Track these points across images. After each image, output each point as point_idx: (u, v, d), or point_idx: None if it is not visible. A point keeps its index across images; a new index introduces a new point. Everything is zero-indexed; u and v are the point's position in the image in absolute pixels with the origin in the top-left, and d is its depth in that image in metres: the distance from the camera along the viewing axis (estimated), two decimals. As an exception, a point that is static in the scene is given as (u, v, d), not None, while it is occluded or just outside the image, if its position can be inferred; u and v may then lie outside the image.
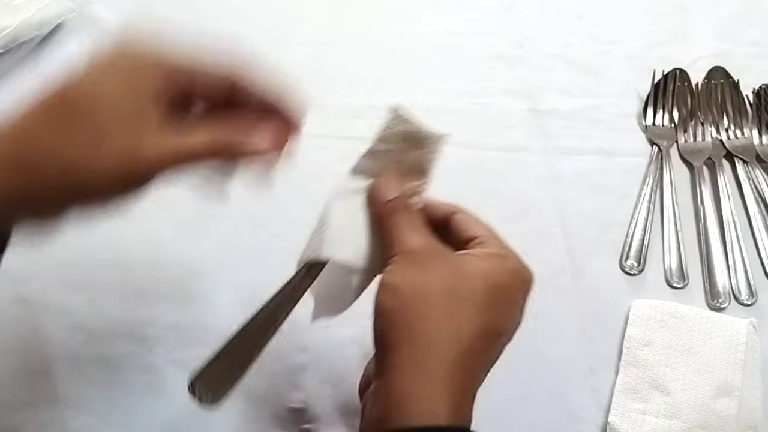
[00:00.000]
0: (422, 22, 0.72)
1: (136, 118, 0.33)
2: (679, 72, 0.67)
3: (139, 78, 0.35)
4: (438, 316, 0.35)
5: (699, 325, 0.53)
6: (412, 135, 0.41)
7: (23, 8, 0.64)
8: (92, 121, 0.33)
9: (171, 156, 0.34)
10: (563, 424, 0.51)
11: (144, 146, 0.33)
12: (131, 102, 0.34)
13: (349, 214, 0.41)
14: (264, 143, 0.37)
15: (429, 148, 0.41)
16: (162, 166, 0.34)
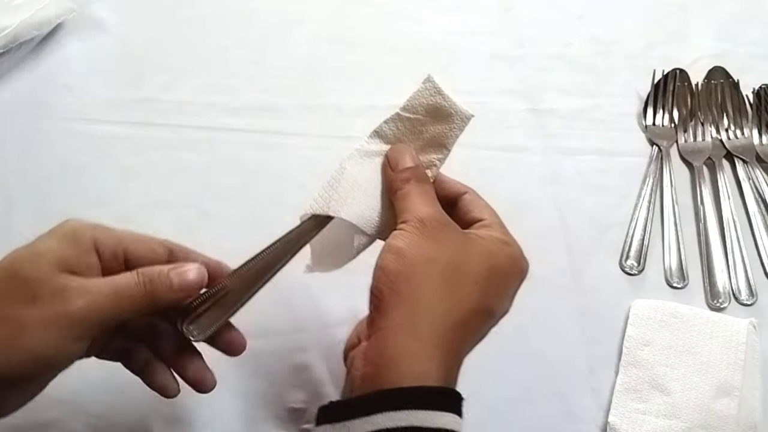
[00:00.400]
0: (422, 22, 0.72)
1: (65, 268, 0.35)
2: (679, 72, 0.67)
3: (76, 235, 0.36)
4: (438, 285, 0.35)
5: (699, 325, 0.53)
6: (440, 108, 0.41)
7: (23, 8, 0.64)
8: (22, 278, 0.34)
9: (97, 295, 0.34)
10: (563, 424, 0.51)
11: (69, 290, 0.34)
12: (62, 253, 0.35)
13: (363, 175, 0.41)
14: (192, 275, 0.37)
15: (453, 124, 0.41)
16: (90, 306, 0.34)
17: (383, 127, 0.42)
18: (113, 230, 0.38)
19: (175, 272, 0.36)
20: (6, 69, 0.64)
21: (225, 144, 0.62)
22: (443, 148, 0.42)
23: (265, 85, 0.66)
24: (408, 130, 0.42)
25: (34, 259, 0.34)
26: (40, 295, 0.33)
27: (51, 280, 0.34)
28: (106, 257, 0.37)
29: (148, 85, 0.65)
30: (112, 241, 0.37)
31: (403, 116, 0.42)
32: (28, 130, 0.62)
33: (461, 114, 0.42)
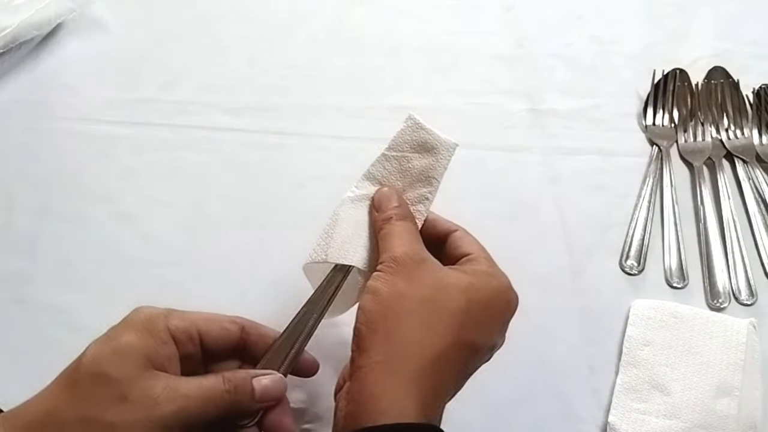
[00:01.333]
0: (422, 22, 0.72)
1: (149, 364, 0.35)
2: (679, 72, 0.67)
3: (152, 326, 0.37)
4: (414, 321, 0.36)
5: (699, 325, 0.53)
6: (424, 143, 0.43)
7: (23, 8, 0.64)
8: (108, 378, 0.34)
9: (185, 399, 0.35)
10: (563, 424, 0.50)
11: (158, 391, 0.34)
12: (145, 349, 0.35)
13: (357, 219, 0.42)
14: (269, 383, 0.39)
15: (439, 155, 0.43)
16: (180, 411, 0.34)
17: (371, 170, 0.43)
18: (185, 313, 0.39)
19: (257, 380, 0.38)
20: (6, 69, 0.64)
21: (225, 144, 0.62)
22: (432, 179, 0.43)
23: (265, 85, 0.66)
24: (395, 169, 0.43)
25: (119, 358, 0.35)
26: (129, 396, 0.33)
27: (139, 380, 0.34)
28: (182, 341, 0.37)
29: (148, 85, 0.65)
30: (185, 325, 0.38)
31: (389, 156, 0.43)
32: (28, 130, 0.62)
33: (445, 145, 0.43)
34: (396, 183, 0.43)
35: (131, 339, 0.36)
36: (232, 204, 0.59)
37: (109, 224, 0.57)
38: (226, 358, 0.40)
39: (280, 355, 0.40)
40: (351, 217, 0.42)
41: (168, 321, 0.37)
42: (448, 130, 0.64)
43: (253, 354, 0.40)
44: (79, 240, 0.56)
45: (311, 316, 0.40)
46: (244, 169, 0.61)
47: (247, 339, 0.40)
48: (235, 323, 0.40)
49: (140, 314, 0.37)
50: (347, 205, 0.43)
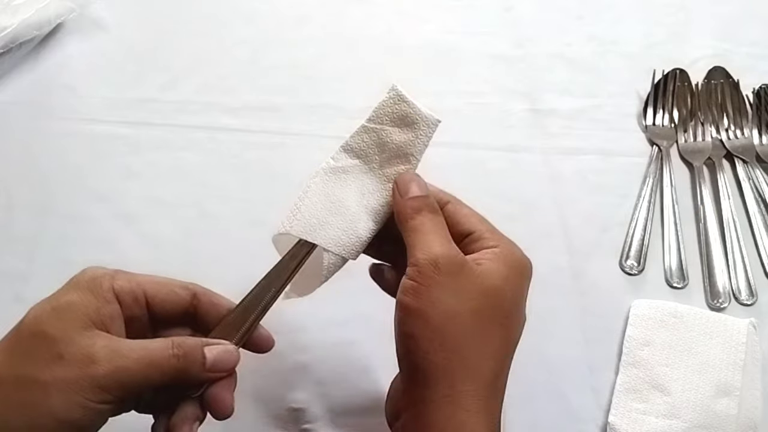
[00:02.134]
0: (422, 22, 0.72)
1: (90, 323, 0.34)
2: (679, 72, 0.67)
3: (95, 285, 0.35)
4: (473, 342, 0.34)
5: (699, 325, 0.53)
6: (405, 116, 0.40)
7: (23, 8, 0.64)
8: (46, 336, 0.33)
9: (125, 360, 0.33)
10: (563, 424, 0.50)
11: (96, 350, 0.32)
12: (86, 308, 0.34)
13: (331, 193, 0.40)
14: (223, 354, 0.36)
15: (419, 131, 0.40)
16: (118, 371, 0.32)
17: (349, 142, 0.41)
18: (133, 275, 0.37)
19: (208, 348, 0.35)
20: (6, 69, 0.64)
21: (225, 144, 0.62)
22: (411, 157, 0.40)
23: (265, 85, 0.66)
24: (374, 142, 0.41)
25: (58, 316, 0.33)
26: (66, 355, 0.32)
27: (77, 339, 0.32)
28: (127, 303, 0.36)
29: (148, 85, 0.65)
30: (131, 286, 0.36)
31: (369, 127, 0.41)
32: (28, 130, 0.62)
33: (427, 120, 0.40)
34: (374, 157, 0.41)
35: (73, 298, 0.34)
36: (232, 204, 0.59)
37: (109, 224, 0.57)
38: (177, 325, 0.38)
39: (234, 326, 0.37)
40: (323, 190, 0.40)
41: (113, 281, 0.36)
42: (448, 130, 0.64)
43: (205, 323, 0.38)
44: (79, 240, 0.56)
45: (269, 290, 0.38)
46: (244, 169, 0.61)
47: (198, 306, 0.38)
48: (187, 289, 0.38)
49: (86, 274, 0.36)
50: (320, 177, 0.40)
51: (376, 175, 0.41)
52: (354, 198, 0.40)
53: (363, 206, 0.40)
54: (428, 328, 0.34)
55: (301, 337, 0.52)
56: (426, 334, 0.34)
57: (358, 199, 0.40)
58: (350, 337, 0.52)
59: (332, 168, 0.41)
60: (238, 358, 0.37)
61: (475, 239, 0.38)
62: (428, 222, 0.37)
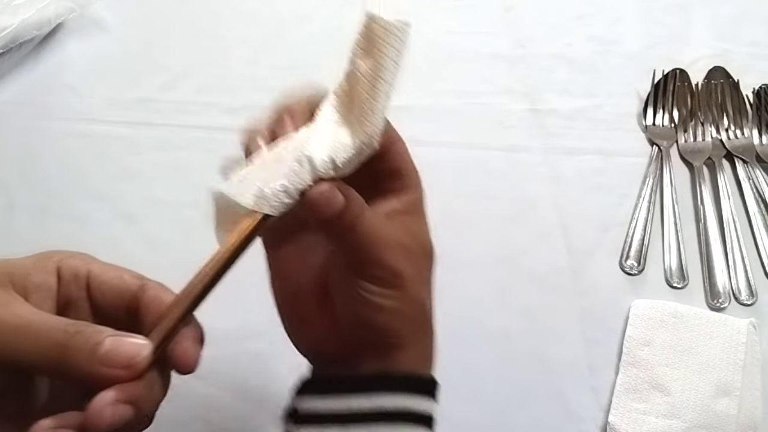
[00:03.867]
0: (422, 22, 0.72)
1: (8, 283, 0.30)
2: (679, 72, 0.67)
3: (45, 256, 0.32)
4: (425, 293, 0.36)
5: (699, 325, 0.53)
6: (372, 39, 0.33)
7: (23, 8, 0.64)
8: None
9: (8, 316, 0.28)
10: (563, 424, 0.50)
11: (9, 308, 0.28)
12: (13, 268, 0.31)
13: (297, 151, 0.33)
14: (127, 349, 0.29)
15: (386, 46, 0.32)
16: None
17: (330, 95, 0.35)
18: (92, 258, 0.33)
19: (112, 339, 0.28)
20: (6, 69, 0.64)
21: (225, 144, 0.62)
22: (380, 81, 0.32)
23: (265, 85, 0.66)
24: (349, 87, 0.34)
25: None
26: None
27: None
28: (66, 279, 0.31)
29: (148, 85, 0.65)
30: (76, 263, 0.32)
31: (345, 72, 0.35)
32: (28, 130, 0.62)
33: (390, 28, 0.32)
34: (350, 106, 0.34)
35: (12, 259, 0.31)
36: (232, 204, 0.58)
37: (109, 224, 0.57)
38: (121, 324, 0.30)
39: (165, 324, 0.30)
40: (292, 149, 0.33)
41: (66, 258, 0.32)
42: (448, 130, 0.64)
43: (144, 319, 0.31)
44: (79, 240, 0.56)
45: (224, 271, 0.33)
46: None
47: (142, 298, 0.32)
48: (138, 279, 0.33)
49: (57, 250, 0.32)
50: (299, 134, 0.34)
51: (349, 125, 0.33)
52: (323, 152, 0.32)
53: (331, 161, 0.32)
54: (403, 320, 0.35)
55: (301, 337, 0.52)
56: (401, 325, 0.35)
57: (327, 152, 0.32)
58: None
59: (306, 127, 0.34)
60: (144, 356, 0.28)
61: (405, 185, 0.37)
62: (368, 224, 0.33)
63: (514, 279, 0.56)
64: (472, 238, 0.58)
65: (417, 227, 0.36)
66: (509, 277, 0.56)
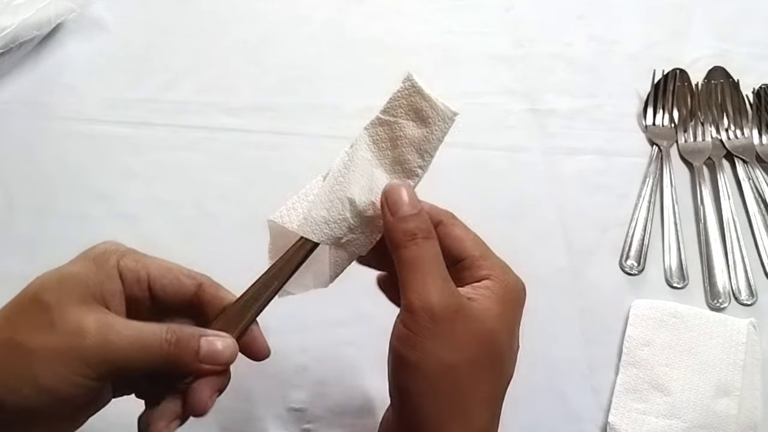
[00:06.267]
0: (422, 22, 0.72)
1: (90, 296, 0.33)
2: (679, 72, 0.67)
3: (103, 259, 0.35)
4: (466, 394, 0.33)
5: (699, 325, 0.53)
6: (420, 110, 0.37)
7: (23, 8, 0.64)
8: (43, 304, 0.32)
9: (116, 335, 0.32)
10: (563, 424, 0.51)
11: (88, 323, 0.31)
12: (88, 280, 0.33)
13: (337, 189, 0.37)
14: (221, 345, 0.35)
15: (435, 126, 0.37)
16: (106, 347, 0.31)
17: (363, 134, 0.39)
18: (142, 256, 0.36)
19: (206, 339, 0.34)
20: (6, 69, 0.64)
21: (225, 144, 0.62)
22: (425, 153, 0.37)
23: (265, 85, 0.66)
24: (387, 136, 0.38)
25: (59, 285, 0.33)
26: (57, 323, 0.31)
27: (71, 309, 0.32)
28: (129, 282, 0.35)
29: (148, 85, 0.65)
30: (136, 266, 0.35)
31: (383, 119, 0.38)
32: (28, 130, 0.62)
33: (443, 114, 0.37)
34: (386, 152, 0.38)
35: (78, 269, 0.34)
36: (232, 204, 0.59)
37: (109, 224, 0.57)
38: (181, 314, 0.37)
39: (233, 321, 0.36)
40: (331, 186, 0.37)
41: (121, 258, 0.35)
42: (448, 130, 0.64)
43: (208, 315, 0.37)
44: (79, 240, 0.55)
45: (271, 285, 0.37)
46: (244, 169, 0.61)
47: (202, 297, 0.36)
48: (194, 278, 0.37)
49: (97, 248, 0.36)
50: (332, 172, 0.38)
51: (386, 171, 0.38)
52: (363, 195, 0.37)
53: (371, 204, 0.37)
54: (422, 382, 0.32)
55: (301, 337, 0.52)
56: (419, 388, 0.32)
57: (367, 195, 0.37)
58: (350, 337, 0.52)
59: (344, 163, 0.38)
60: (236, 352, 0.35)
61: (467, 266, 0.36)
62: (423, 254, 0.34)
63: (514, 279, 0.56)
64: (472, 238, 0.58)
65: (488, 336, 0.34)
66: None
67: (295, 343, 0.52)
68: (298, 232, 0.37)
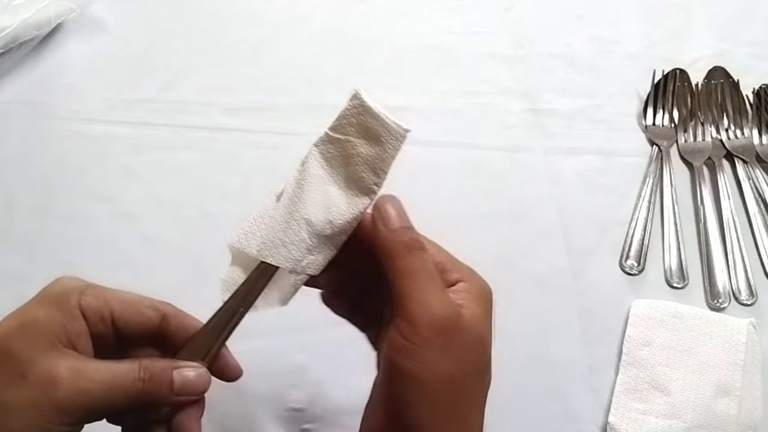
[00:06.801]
0: (422, 22, 0.72)
1: (55, 341, 0.33)
2: (679, 72, 0.67)
3: (63, 299, 0.34)
4: (465, 402, 0.33)
5: (699, 325, 0.53)
6: (370, 129, 0.37)
7: (23, 8, 0.64)
8: (10, 355, 0.32)
9: (89, 382, 0.32)
10: (563, 423, 0.50)
11: (59, 371, 0.31)
12: (52, 325, 0.33)
13: (293, 210, 0.37)
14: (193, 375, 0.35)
15: (388, 145, 0.37)
16: (81, 395, 0.31)
17: (313, 151, 0.38)
18: (102, 291, 0.36)
19: (178, 372, 0.34)
20: (6, 69, 0.64)
21: (225, 144, 0.62)
22: (380, 171, 0.37)
23: (265, 85, 0.66)
24: (339, 154, 0.38)
25: (24, 333, 0.32)
26: (28, 375, 0.31)
27: (41, 358, 0.31)
28: (93, 320, 0.34)
29: (148, 85, 0.65)
30: (98, 304, 0.35)
31: (333, 137, 0.38)
32: (28, 130, 0.62)
33: (395, 133, 0.36)
34: (339, 170, 0.38)
35: (39, 314, 0.33)
36: (232, 204, 0.58)
37: (109, 224, 0.57)
38: (144, 344, 0.37)
39: (201, 347, 0.36)
40: (286, 206, 0.37)
41: (81, 297, 0.34)
42: (448, 130, 0.64)
43: (174, 344, 0.36)
44: (79, 240, 0.56)
45: (237, 310, 0.36)
46: (244, 169, 0.61)
47: (167, 328, 0.36)
48: (157, 310, 0.36)
49: (55, 287, 0.35)
50: (286, 192, 0.38)
51: (341, 189, 0.38)
52: (320, 214, 0.37)
53: (328, 222, 0.37)
54: (421, 393, 0.32)
55: (301, 337, 0.52)
56: (417, 399, 0.32)
57: (324, 214, 0.37)
58: (350, 337, 0.52)
59: (297, 182, 0.38)
60: (209, 381, 0.35)
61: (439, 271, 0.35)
62: (422, 265, 0.34)
63: (514, 279, 0.56)
64: (472, 238, 0.58)
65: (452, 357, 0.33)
66: (509, 277, 0.56)
67: (294, 343, 0.52)
68: (258, 257, 0.36)
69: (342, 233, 0.37)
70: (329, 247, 0.37)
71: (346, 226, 0.37)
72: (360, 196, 0.37)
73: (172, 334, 0.36)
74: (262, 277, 0.37)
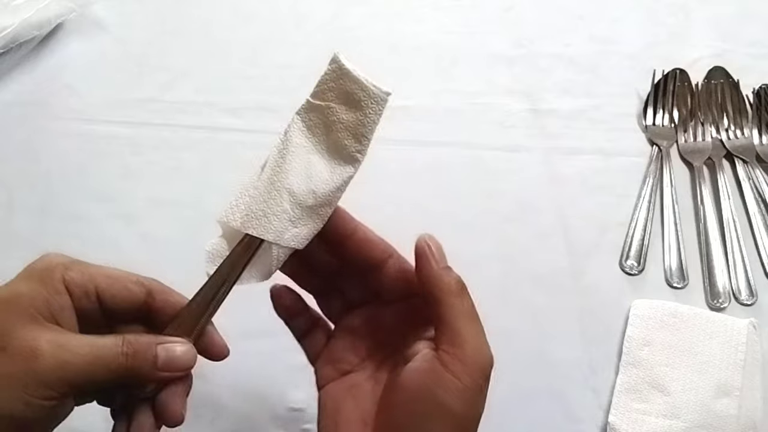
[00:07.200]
0: (422, 22, 0.72)
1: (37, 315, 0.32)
2: (679, 72, 0.67)
3: (47, 275, 0.34)
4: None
5: (699, 325, 0.53)
6: (350, 93, 0.36)
7: (23, 8, 0.64)
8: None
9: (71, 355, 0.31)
10: (563, 423, 0.50)
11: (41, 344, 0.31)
12: (34, 299, 0.32)
13: (275, 180, 0.37)
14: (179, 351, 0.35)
15: (368, 109, 0.36)
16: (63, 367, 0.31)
17: (295, 119, 0.38)
18: (87, 266, 0.35)
19: (163, 347, 0.34)
20: (6, 69, 0.64)
21: (225, 144, 0.62)
22: (362, 137, 0.36)
23: (265, 85, 0.66)
24: (321, 122, 0.37)
25: (5, 307, 0.32)
26: (8, 348, 0.30)
27: (21, 331, 0.31)
28: (77, 295, 0.34)
29: (148, 85, 0.65)
30: (82, 279, 0.34)
31: (315, 104, 0.37)
32: (28, 130, 0.62)
33: (375, 96, 0.36)
34: (321, 137, 0.37)
35: (22, 288, 0.33)
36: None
37: (109, 224, 0.57)
38: (131, 321, 0.36)
39: (187, 323, 0.35)
40: (269, 177, 0.37)
41: (65, 272, 0.34)
42: (449, 130, 0.64)
43: (160, 320, 0.36)
44: (79, 240, 0.56)
45: (222, 284, 0.36)
46: (244, 169, 0.61)
47: (153, 304, 0.36)
48: (142, 285, 0.36)
49: (40, 262, 0.35)
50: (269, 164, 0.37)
51: (324, 158, 0.37)
52: (302, 184, 0.36)
53: (311, 192, 0.36)
54: (454, 427, 0.34)
55: (301, 337, 0.52)
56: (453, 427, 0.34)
57: (306, 183, 0.36)
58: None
59: (279, 151, 0.37)
60: (195, 356, 0.35)
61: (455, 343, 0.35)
62: (473, 309, 0.35)
63: (514, 279, 0.56)
64: (472, 238, 0.58)
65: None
66: (509, 277, 0.56)
67: (294, 343, 0.52)
68: (242, 229, 0.36)
69: (326, 204, 0.36)
70: (314, 220, 0.36)
71: (329, 195, 0.36)
72: (343, 165, 0.36)
73: (158, 310, 0.36)
74: (246, 250, 0.36)
